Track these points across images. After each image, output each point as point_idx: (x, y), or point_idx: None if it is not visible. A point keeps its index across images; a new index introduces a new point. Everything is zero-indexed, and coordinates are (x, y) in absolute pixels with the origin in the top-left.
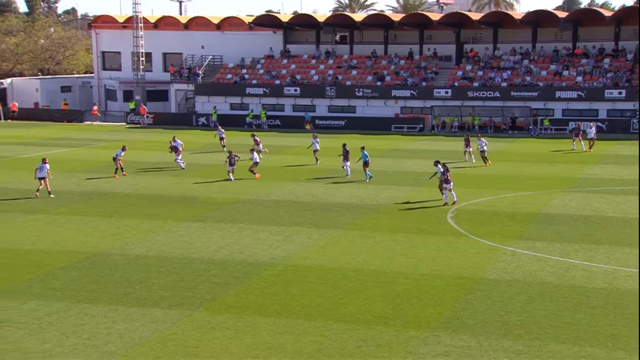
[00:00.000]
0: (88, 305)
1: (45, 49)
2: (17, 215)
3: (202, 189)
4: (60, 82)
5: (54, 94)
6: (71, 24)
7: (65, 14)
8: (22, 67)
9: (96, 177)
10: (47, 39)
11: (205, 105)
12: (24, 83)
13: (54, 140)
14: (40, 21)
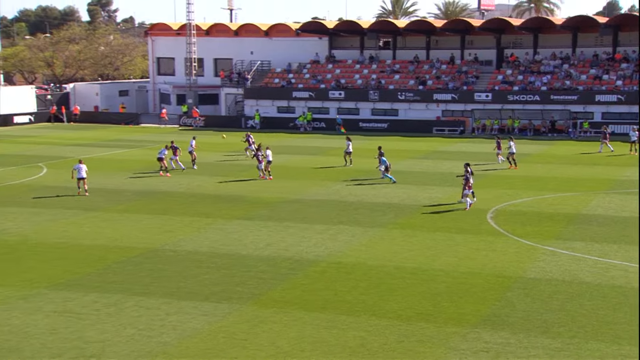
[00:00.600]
0: (143, 298)
1: (105, 55)
2: (79, 213)
3: (250, 188)
4: (118, 87)
5: (112, 98)
6: (129, 32)
7: (124, 22)
8: (83, 73)
9: (148, 176)
10: (106, 46)
11: (254, 108)
12: (85, 88)
13: (112, 141)
14: (101, 29)
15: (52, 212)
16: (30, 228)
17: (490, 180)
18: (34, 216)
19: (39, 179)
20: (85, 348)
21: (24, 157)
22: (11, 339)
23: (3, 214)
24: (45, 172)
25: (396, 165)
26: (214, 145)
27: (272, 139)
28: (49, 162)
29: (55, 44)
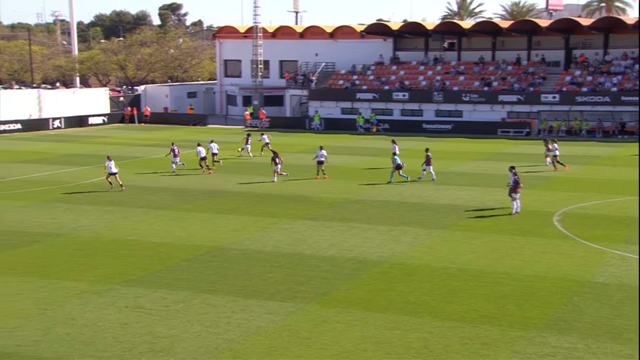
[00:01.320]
0: (210, 296)
1: (175, 58)
2: (149, 211)
3: (314, 188)
4: (187, 89)
5: (181, 99)
6: (198, 35)
7: (193, 25)
8: (154, 75)
9: (213, 175)
10: (176, 49)
11: (318, 109)
12: (155, 90)
13: (180, 142)
14: (171, 33)
15: (124, 210)
16: (104, 225)
17: (557, 183)
18: (107, 214)
19: (110, 178)
20: (155, 343)
21: (97, 157)
22: (86, 332)
23: (78, 211)
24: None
25: (460, 167)
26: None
27: (334, 140)
28: (121, 162)
29: (128, 47)
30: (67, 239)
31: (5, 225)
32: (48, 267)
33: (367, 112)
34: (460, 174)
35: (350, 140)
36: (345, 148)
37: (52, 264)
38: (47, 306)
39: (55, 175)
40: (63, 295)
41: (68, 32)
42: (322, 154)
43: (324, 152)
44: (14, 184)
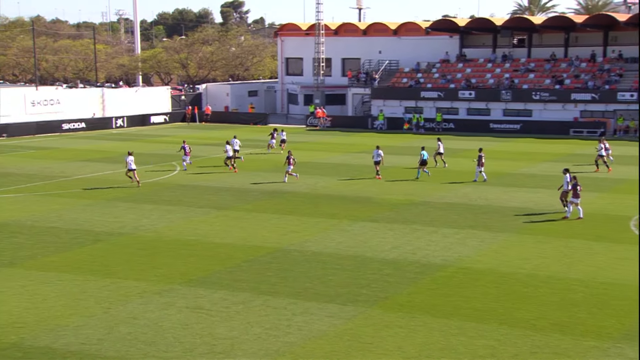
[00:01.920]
0: (270, 298)
1: (236, 56)
2: (210, 211)
3: (375, 189)
4: (248, 87)
5: (241, 98)
6: (259, 33)
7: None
8: (215, 74)
9: (274, 175)
10: (237, 47)
11: (381, 108)
12: (217, 88)
13: (241, 141)
14: (233, 31)
15: (185, 210)
16: (165, 225)
17: (633, 186)
18: (167, 214)
19: (172, 178)
20: (215, 344)
21: (158, 156)
22: (147, 332)
23: (139, 210)
24: (178, 171)
25: (529, 168)
26: (337, 146)
27: (398, 140)
28: (181, 161)
29: (189, 45)
30: (129, 238)
31: (71, 223)
32: (111, 266)
33: (432, 111)
34: (529, 176)
35: (413, 139)
36: (408, 148)
37: (114, 262)
38: (110, 305)
39: (117, 174)
40: (125, 294)
41: (131, 30)
42: (378, 153)
43: (381, 152)
44: (78, 182)
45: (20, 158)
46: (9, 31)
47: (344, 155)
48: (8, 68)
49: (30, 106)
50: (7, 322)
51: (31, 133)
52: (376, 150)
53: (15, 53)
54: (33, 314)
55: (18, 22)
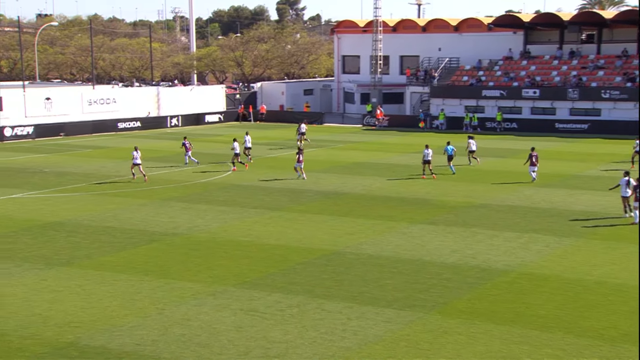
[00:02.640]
0: (325, 301)
1: (292, 54)
2: (264, 212)
3: (434, 191)
4: (303, 86)
5: (297, 97)
6: (315, 30)
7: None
8: (270, 72)
9: (331, 176)
10: (293, 45)
11: (440, 107)
12: (272, 87)
13: (295, 141)
14: (288, 28)
15: (238, 211)
16: (219, 226)
17: None
18: (221, 214)
19: (226, 178)
20: (270, 348)
21: (213, 156)
22: (201, 334)
23: (194, 211)
24: (231, 171)
25: (597, 170)
26: (394, 146)
27: (457, 140)
28: (236, 161)
29: (245, 43)
30: (183, 238)
31: (126, 223)
32: (165, 266)
33: (493, 110)
34: (597, 178)
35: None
36: None
37: (169, 263)
38: (164, 306)
39: (171, 173)
40: (179, 295)
41: (187, 28)
42: (428, 153)
43: (430, 151)
44: (134, 182)
45: (77, 157)
46: (67, 30)
47: (401, 156)
48: (66, 67)
49: (87, 105)
50: (64, 321)
51: (87, 132)
52: (426, 149)
53: (73, 52)
54: (89, 313)
55: (76, 21)
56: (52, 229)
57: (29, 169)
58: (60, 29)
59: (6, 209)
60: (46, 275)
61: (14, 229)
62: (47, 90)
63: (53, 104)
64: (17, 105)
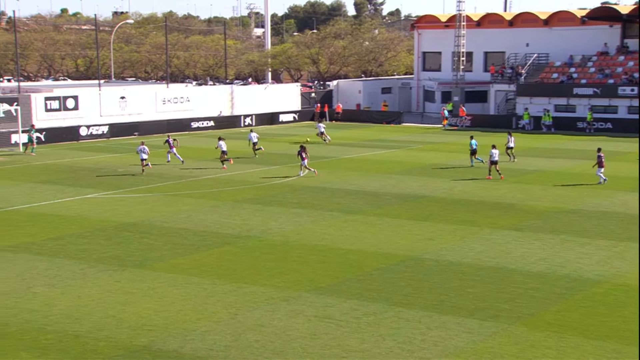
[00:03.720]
0: (403, 309)
1: (369, 50)
2: (339, 215)
3: (521, 195)
4: (381, 84)
5: (374, 95)
6: (394, 25)
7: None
8: (347, 70)
9: (408, 178)
10: (371, 41)
11: (527, 106)
12: (348, 85)
13: (372, 141)
14: (366, 24)
15: (313, 214)
16: (292, 229)
17: None
18: (295, 217)
19: (301, 179)
20: (345, 357)
21: (286, 156)
22: (275, 341)
23: (267, 213)
24: (305, 172)
25: None
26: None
27: (544, 141)
28: (311, 161)
29: (321, 40)
30: (256, 241)
31: (199, 225)
32: (238, 270)
33: (585, 110)
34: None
35: (566, 141)
36: (561, 151)
37: (241, 267)
38: (237, 311)
39: (245, 174)
40: (252, 300)
41: (262, 25)
42: (494, 153)
43: (497, 151)
44: (206, 182)
45: (150, 157)
46: (143, 28)
47: (485, 157)
48: (140, 65)
49: (160, 104)
50: (138, 324)
51: (161, 131)
52: (492, 149)
53: (147, 50)
54: (162, 316)
55: (151, 19)
56: (126, 229)
57: (103, 168)
58: (136, 27)
59: (81, 209)
60: (120, 276)
61: (89, 229)
62: (122, 89)
63: (127, 103)
64: (93, 105)
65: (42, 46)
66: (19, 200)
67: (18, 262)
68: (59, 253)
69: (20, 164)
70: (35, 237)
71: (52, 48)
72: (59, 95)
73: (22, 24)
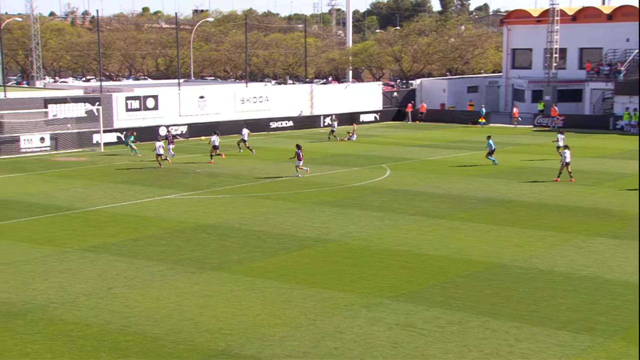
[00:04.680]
0: (489, 319)
1: (455, 47)
2: (421, 219)
3: (618, 201)
4: (467, 82)
5: (459, 94)
6: (482, 21)
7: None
8: (431, 68)
9: (493, 181)
10: (457, 38)
11: (626, 106)
12: (432, 84)
13: (457, 142)
14: (452, 19)
15: (394, 217)
16: (373, 233)
17: None
18: (376, 220)
19: (382, 181)
20: None
21: (368, 158)
22: (355, 349)
23: (347, 216)
24: (388, 174)
25: None
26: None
27: None
28: (393, 163)
29: (404, 37)
30: (336, 245)
31: (278, 227)
32: (317, 274)
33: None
34: None
35: None
36: None
37: (320, 271)
38: (316, 316)
39: (325, 175)
40: (331, 305)
41: (343, 22)
42: (567, 154)
43: (569, 152)
44: (285, 184)
45: (228, 157)
46: (222, 26)
47: (579, 160)
48: (220, 64)
49: (239, 104)
50: (216, 328)
51: (240, 131)
52: (565, 150)
53: (227, 48)
54: (240, 321)
55: (231, 17)
56: (204, 231)
57: (182, 169)
58: (215, 25)
59: (160, 210)
60: (198, 279)
61: (168, 230)
62: (201, 89)
63: (206, 103)
64: (172, 104)
65: (123, 45)
66: (100, 201)
67: (99, 263)
68: (138, 254)
69: (102, 164)
70: (116, 238)
71: (133, 47)
72: (139, 94)
73: (104, 23)
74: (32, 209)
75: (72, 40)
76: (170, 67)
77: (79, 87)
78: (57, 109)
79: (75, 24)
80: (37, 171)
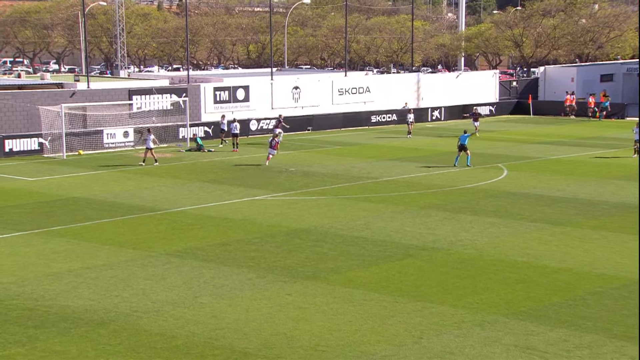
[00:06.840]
0: (626, 344)
1: (587, 30)
2: (544, 227)
3: None
4: (600, 70)
5: (591, 84)
6: None
7: None
8: (557, 54)
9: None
10: (589, 19)
11: None
12: (558, 72)
13: (587, 139)
14: None
15: (512, 224)
16: (487, 241)
17: None
18: (491, 227)
19: (498, 183)
20: None
21: (482, 156)
22: None
23: (457, 222)
24: (505, 175)
25: None
26: None
27: None
28: (511, 162)
29: (526, 19)
30: (445, 254)
31: (379, 233)
32: (423, 286)
33: None
34: None
35: None
36: None
37: (426, 283)
38: (422, 334)
39: (433, 176)
40: (439, 322)
41: (455, 3)
42: None
43: None
44: (388, 185)
45: (324, 155)
46: (320, 9)
47: None
48: (316, 51)
49: (337, 95)
50: (311, 344)
51: (337, 126)
52: None
53: (325, 34)
54: (337, 336)
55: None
56: (298, 236)
57: (274, 167)
58: (313, 8)
59: (250, 212)
60: (290, 289)
61: (258, 234)
62: (296, 78)
63: (301, 94)
64: (264, 96)
65: (212, 31)
66: (186, 201)
67: (184, 269)
68: (226, 260)
69: (188, 161)
70: (202, 242)
71: (222, 33)
72: (229, 85)
73: (193, 7)
74: (116, 209)
75: (159, 26)
76: (262, 55)
77: (165, 76)
78: (141, 101)
79: (162, 8)
80: (120, 168)
